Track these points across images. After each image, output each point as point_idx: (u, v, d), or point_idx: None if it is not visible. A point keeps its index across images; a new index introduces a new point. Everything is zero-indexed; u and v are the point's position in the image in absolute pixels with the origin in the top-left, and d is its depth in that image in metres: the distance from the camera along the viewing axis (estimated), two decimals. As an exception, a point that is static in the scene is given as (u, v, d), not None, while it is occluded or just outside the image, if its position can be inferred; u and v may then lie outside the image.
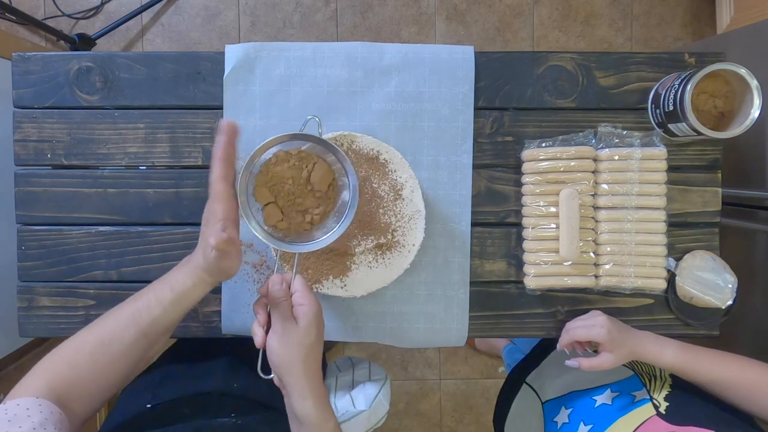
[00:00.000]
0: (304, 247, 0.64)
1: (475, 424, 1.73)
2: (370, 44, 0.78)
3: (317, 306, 0.59)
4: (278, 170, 0.65)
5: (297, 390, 0.56)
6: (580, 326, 0.72)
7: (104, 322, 0.58)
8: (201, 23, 1.66)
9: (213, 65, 0.78)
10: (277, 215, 0.65)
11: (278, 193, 0.65)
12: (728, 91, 0.73)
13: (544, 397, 0.82)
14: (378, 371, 0.85)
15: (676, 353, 0.67)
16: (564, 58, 0.79)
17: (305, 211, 0.67)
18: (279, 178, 0.65)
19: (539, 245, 0.76)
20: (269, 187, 0.65)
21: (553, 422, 0.77)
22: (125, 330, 0.56)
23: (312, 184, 0.66)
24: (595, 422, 0.70)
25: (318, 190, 0.66)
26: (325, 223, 0.67)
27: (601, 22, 1.69)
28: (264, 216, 0.65)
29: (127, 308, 0.58)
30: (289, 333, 0.56)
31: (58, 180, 0.78)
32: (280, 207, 0.66)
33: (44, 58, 0.77)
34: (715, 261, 0.76)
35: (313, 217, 0.66)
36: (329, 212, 0.67)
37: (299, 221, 0.66)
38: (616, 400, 0.71)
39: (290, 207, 0.66)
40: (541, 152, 0.76)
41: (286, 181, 0.65)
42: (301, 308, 0.58)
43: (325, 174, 0.66)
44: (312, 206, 0.66)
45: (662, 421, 0.63)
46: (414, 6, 1.67)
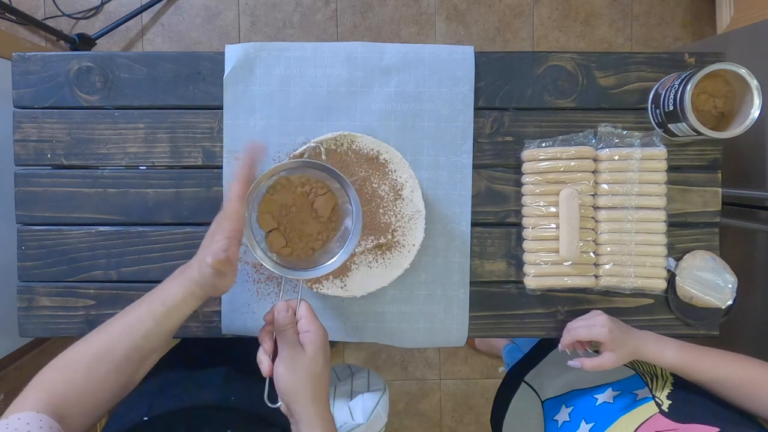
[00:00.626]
0: (308, 273, 0.64)
1: (475, 424, 1.73)
2: (370, 44, 0.78)
3: (323, 332, 0.59)
4: (281, 197, 0.65)
5: (305, 418, 0.55)
6: (582, 326, 0.72)
7: (99, 335, 0.58)
8: (201, 23, 1.66)
9: (213, 65, 0.78)
10: (281, 241, 0.66)
11: (282, 220, 0.66)
12: (728, 91, 0.73)
13: (544, 395, 0.82)
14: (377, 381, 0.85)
15: (677, 352, 0.68)
16: (564, 58, 0.79)
17: (309, 237, 0.67)
18: (282, 205, 0.65)
19: (539, 245, 0.76)
20: (272, 214, 0.65)
21: (553, 421, 0.77)
22: (119, 343, 0.56)
23: (315, 210, 0.66)
24: (596, 420, 0.70)
25: (321, 216, 0.66)
26: (329, 247, 0.67)
27: (601, 22, 1.69)
28: (268, 243, 0.65)
29: (121, 321, 0.58)
30: (297, 360, 0.56)
31: (58, 180, 0.78)
32: (284, 233, 0.66)
33: (44, 58, 0.77)
34: (715, 261, 0.76)
35: (316, 242, 0.67)
36: (332, 237, 0.68)
37: (302, 247, 0.67)
38: (617, 398, 0.71)
39: (294, 233, 0.66)
40: (541, 152, 0.76)
41: (290, 208, 0.66)
42: (307, 335, 0.57)
43: (328, 200, 0.67)
44: (315, 232, 0.67)
45: (665, 419, 0.63)
46: (414, 6, 1.67)
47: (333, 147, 0.75)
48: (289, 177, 0.65)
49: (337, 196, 0.67)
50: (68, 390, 0.54)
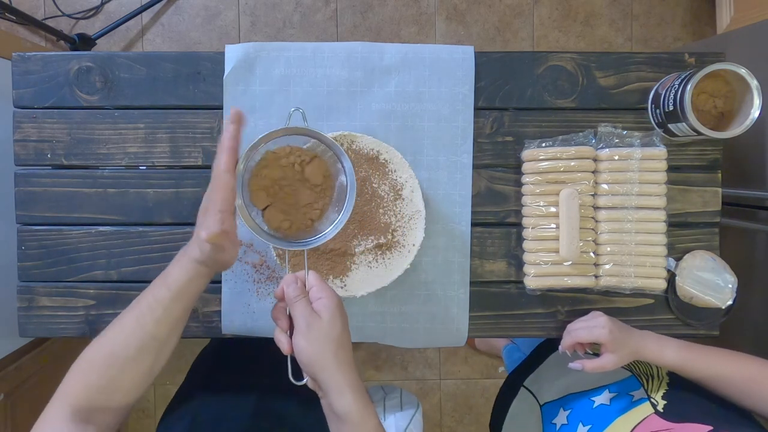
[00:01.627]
0: (311, 243, 0.63)
1: (475, 424, 1.73)
2: (370, 44, 0.78)
3: (337, 297, 0.57)
4: (270, 171, 0.64)
5: (334, 386, 0.54)
6: (582, 327, 0.72)
7: (111, 332, 0.57)
8: (201, 23, 1.66)
9: (213, 65, 0.78)
10: (279, 217, 0.64)
11: (275, 195, 0.65)
12: (728, 91, 0.73)
13: (542, 399, 0.83)
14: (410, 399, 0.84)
15: (677, 351, 0.68)
16: (564, 58, 0.79)
17: (306, 207, 0.66)
18: (273, 179, 0.64)
19: (539, 245, 0.76)
20: (265, 190, 0.64)
21: (551, 424, 0.77)
22: (132, 336, 0.56)
23: (307, 179, 0.65)
24: (593, 422, 0.70)
25: (314, 183, 0.65)
26: (327, 216, 0.66)
27: (601, 22, 1.69)
28: (266, 220, 0.64)
29: (131, 314, 0.57)
30: (314, 328, 0.55)
31: (58, 180, 0.78)
32: (280, 208, 0.65)
33: (44, 58, 0.77)
34: (715, 261, 0.76)
35: (314, 211, 0.66)
36: (329, 203, 0.66)
37: (301, 218, 0.65)
38: (614, 400, 0.71)
39: (290, 206, 0.65)
40: (541, 152, 0.76)
41: (281, 181, 0.64)
42: (321, 301, 0.56)
43: (318, 165, 0.65)
44: (311, 200, 0.65)
45: (660, 419, 0.63)
46: (414, 6, 1.67)
47: (333, 147, 0.75)
48: (274, 150, 0.64)
49: (326, 160, 0.66)
50: (89, 393, 0.54)
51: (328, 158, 0.65)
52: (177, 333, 0.59)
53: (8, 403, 1.08)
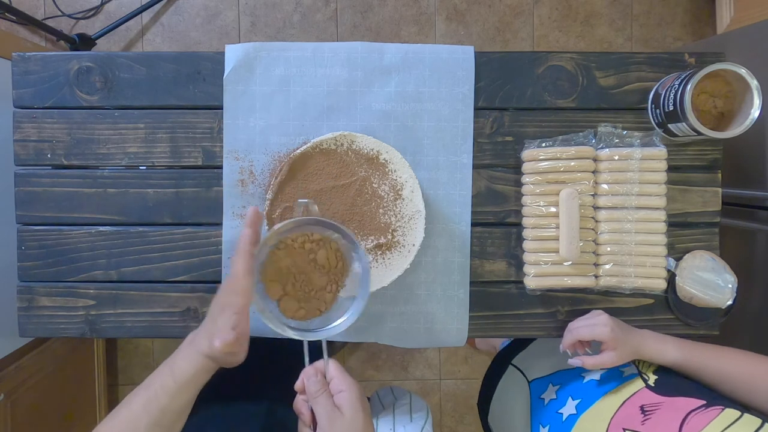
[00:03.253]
0: (329, 332, 0.63)
1: (475, 424, 1.73)
2: (370, 44, 0.78)
3: (358, 388, 0.57)
4: (282, 261, 0.65)
5: None
6: (584, 326, 0.72)
7: (122, 412, 0.58)
8: (201, 23, 1.66)
9: (213, 65, 0.78)
10: (294, 305, 0.65)
11: (289, 284, 0.65)
12: (728, 91, 0.73)
13: (531, 376, 0.83)
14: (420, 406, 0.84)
15: (678, 349, 0.68)
16: (564, 58, 0.79)
17: (320, 292, 0.67)
18: (286, 268, 0.65)
19: (539, 245, 0.76)
20: (278, 280, 0.65)
21: (540, 399, 0.77)
22: (139, 422, 0.56)
23: (319, 263, 0.66)
24: (583, 396, 0.70)
25: (326, 267, 0.66)
26: (341, 301, 0.67)
27: (601, 22, 1.69)
28: (281, 310, 0.65)
29: (139, 398, 0.58)
30: (337, 425, 0.55)
31: (58, 180, 0.78)
32: (294, 296, 0.66)
33: (44, 58, 0.77)
34: (715, 261, 0.76)
35: (328, 295, 0.67)
36: (341, 286, 0.67)
37: (315, 304, 0.66)
38: (604, 375, 0.71)
39: (304, 293, 0.66)
40: (541, 152, 0.76)
41: (293, 268, 0.65)
42: (342, 395, 0.56)
43: (328, 252, 0.66)
44: (324, 284, 0.66)
45: (651, 393, 0.64)
46: (414, 6, 1.67)
47: (333, 147, 0.75)
48: (284, 240, 0.65)
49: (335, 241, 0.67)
50: None
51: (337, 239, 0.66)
52: (182, 419, 0.59)
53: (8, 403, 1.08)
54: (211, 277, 0.79)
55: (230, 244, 0.78)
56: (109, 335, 0.80)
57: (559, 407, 0.72)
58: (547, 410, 0.74)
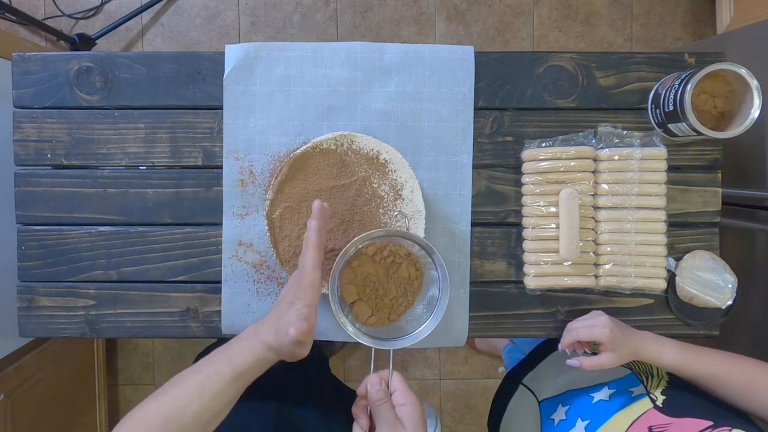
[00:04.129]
0: (399, 343, 0.64)
1: (475, 424, 1.73)
2: (370, 44, 0.78)
3: (420, 404, 0.57)
4: (362, 266, 0.66)
5: None
6: (583, 326, 0.72)
7: (169, 394, 0.58)
8: (201, 23, 1.66)
9: (213, 65, 0.78)
10: (367, 311, 0.66)
11: (364, 289, 0.66)
12: (728, 91, 0.73)
13: (541, 396, 0.83)
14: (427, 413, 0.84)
15: (676, 352, 0.68)
16: (564, 58, 0.79)
17: (393, 302, 0.68)
18: (364, 273, 0.66)
19: (539, 245, 0.76)
20: (355, 284, 0.66)
21: (549, 420, 0.77)
22: (189, 404, 0.56)
23: (397, 275, 0.67)
24: (592, 417, 0.70)
25: (403, 278, 0.67)
26: (414, 312, 0.68)
27: (601, 22, 1.69)
28: (354, 314, 0.66)
29: (190, 381, 0.58)
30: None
31: (58, 180, 0.78)
32: (368, 302, 0.67)
33: (44, 58, 0.78)
34: (715, 261, 0.76)
35: (401, 307, 0.68)
36: (415, 299, 0.68)
37: (387, 313, 0.67)
38: (613, 396, 0.71)
39: (377, 301, 0.67)
40: (541, 152, 0.76)
41: (371, 276, 0.66)
42: (404, 408, 0.56)
43: (408, 264, 0.67)
44: (399, 296, 0.68)
45: (660, 414, 0.63)
46: (414, 6, 1.67)
47: (333, 147, 0.75)
48: (367, 246, 0.66)
49: (417, 257, 0.68)
50: None
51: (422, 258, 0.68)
52: (228, 408, 0.59)
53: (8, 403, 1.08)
54: (211, 277, 0.79)
55: (230, 244, 0.78)
56: (109, 335, 0.80)
57: (568, 428, 0.72)
58: (557, 431, 0.74)
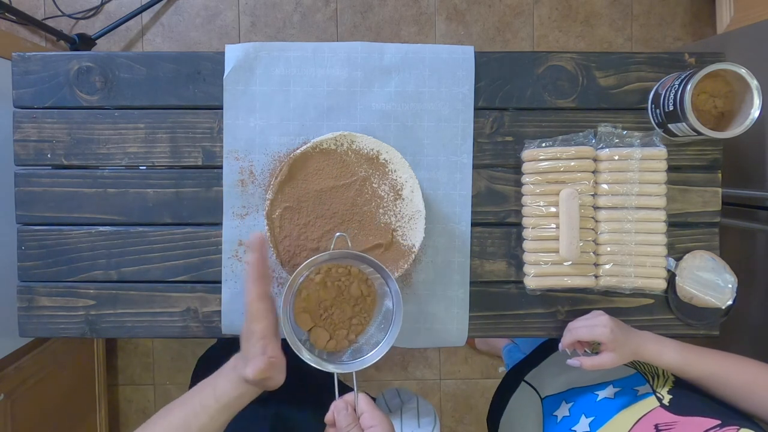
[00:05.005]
0: (358, 364, 0.64)
1: (475, 424, 1.73)
2: (370, 44, 0.78)
3: (389, 424, 0.57)
4: (311, 293, 0.66)
5: None
6: (583, 326, 0.72)
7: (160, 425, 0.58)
8: (201, 23, 1.66)
9: (213, 65, 0.78)
10: (325, 336, 0.66)
11: (317, 315, 0.66)
12: (728, 91, 0.73)
13: (544, 393, 0.82)
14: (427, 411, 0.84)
15: (676, 352, 0.68)
16: (564, 58, 0.79)
17: (349, 322, 0.67)
18: (316, 299, 0.66)
19: (539, 245, 0.76)
20: (309, 311, 0.66)
21: (552, 416, 0.77)
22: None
23: (351, 295, 0.67)
24: (596, 414, 0.70)
25: (355, 297, 0.67)
26: (370, 333, 0.67)
27: (601, 22, 1.69)
28: (312, 341, 0.66)
29: (177, 415, 0.58)
30: None
31: (58, 180, 0.78)
32: (325, 327, 0.66)
33: (44, 58, 0.77)
34: (715, 261, 0.76)
35: (358, 327, 0.67)
36: (371, 317, 0.68)
37: (345, 334, 0.67)
38: (618, 394, 0.71)
39: (333, 324, 0.67)
40: (541, 152, 0.76)
41: (323, 301, 0.66)
42: (373, 430, 0.56)
43: (360, 284, 0.67)
44: (352, 315, 0.67)
45: (666, 412, 0.63)
46: (414, 6, 1.67)
47: (333, 147, 0.75)
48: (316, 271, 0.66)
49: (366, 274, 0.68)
50: None
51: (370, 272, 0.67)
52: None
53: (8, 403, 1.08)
54: (211, 277, 0.79)
55: (230, 244, 0.78)
56: (109, 335, 0.80)
57: (572, 424, 0.72)
58: (560, 427, 0.74)
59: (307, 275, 0.65)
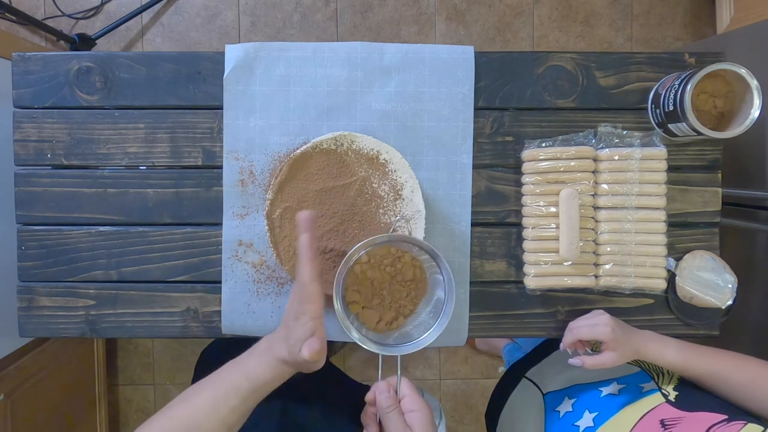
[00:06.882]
0: (406, 348, 0.64)
1: (475, 424, 1.73)
2: (370, 44, 0.78)
3: (429, 410, 0.57)
4: (365, 271, 0.66)
5: None
6: (584, 325, 0.72)
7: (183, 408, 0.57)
8: (201, 23, 1.66)
9: (213, 65, 0.78)
10: (374, 317, 0.67)
11: (368, 296, 0.67)
12: (728, 91, 0.73)
13: (546, 389, 0.82)
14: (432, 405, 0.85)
15: (678, 351, 0.68)
16: (564, 58, 0.79)
17: (398, 305, 0.68)
18: (368, 279, 0.66)
19: (539, 245, 0.76)
20: (359, 290, 0.66)
21: (555, 411, 0.77)
22: (205, 420, 0.56)
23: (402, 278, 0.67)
24: (600, 410, 0.70)
25: (407, 281, 0.68)
26: (420, 317, 0.68)
27: (601, 22, 1.69)
28: (361, 321, 0.66)
29: (206, 395, 0.57)
30: None
31: (58, 180, 0.78)
32: (374, 307, 0.67)
33: (44, 58, 0.77)
34: (715, 261, 0.76)
35: (406, 309, 0.68)
36: (419, 303, 0.68)
37: (393, 316, 0.68)
38: (623, 391, 0.71)
39: (383, 306, 0.67)
40: (541, 152, 0.76)
41: (375, 281, 0.66)
42: (413, 415, 0.56)
43: (412, 266, 0.68)
44: (403, 299, 0.68)
45: (672, 408, 0.63)
46: (414, 6, 1.67)
47: (333, 147, 0.75)
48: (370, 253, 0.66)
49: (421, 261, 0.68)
50: None
51: (420, 256, 0.68)
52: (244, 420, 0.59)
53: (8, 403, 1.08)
54: (211, 277, 0.79)
55: (230, 244, 0.78)
56: (109, 335, 0.80)
57: (575, 420, 0.72)
58: (563, 422, 0.74)
59: (363, 254, 0.65)
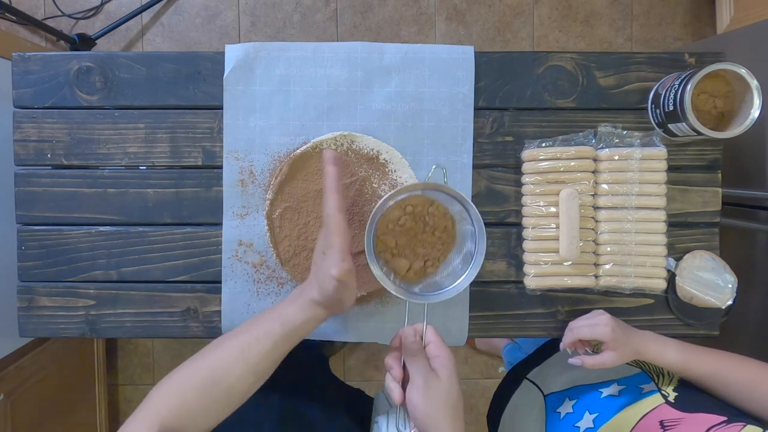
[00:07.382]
0: (434, 297, 0.64)
1: (475, 424, 1.73)
2: (370, 44, 0.78)
3: (453, 357, 0.57)
4: (396, 221, 0.67)
5: None
6: (584, 325, 0.72)
7: (212, 354, 0.57)
8: (201, 23, 1.66)
9: (213, 65, 0.78)
10: (405, 265, 0.67)
11: (400, 241, 0.67)
12: (728, 91, 0.73)
13: (547, 390, 0.82)
14: None
15: (678, 351, 0.68)
16: (564, 58, 0.79)
17: (428, 255, 0.68)
18: (399, 227, 0.67)
19: (539, 245, 0.76)
20: (390, 238, 0.67)
21: (555, 413, 0.77)
22: (234, 364, 0.55)
23: (432, 227, 0.68)
24: (600, 411, 0.70)
25: (437, 230, 0.68)
26: (451, 267, 0.68)
27: (601, 22, 1.69)
28: (392, 268, 0.66)
29: (237, 341, 0.57)
30: (432, 388, 0.55)
31: (58, 180, 0.78)
32: (404, 255, 0.67)
33: (44, 58, 0.77)
34: (715, 261, 0.76)
35: (437, 259, 0.68)
36: (449, 251, 0.69)
37: (423, 266, 0.68)
38: (623, 392, 0.71)
39: (413, 254, 0.67)
40: (541, 152, 0.76)
41: (407, 228, 0.67)
42: (439, 360, 0.56)
43: (442, 215, 0.68)
44: (433, 247, 0.68)
45: (672, 409, 0.63)
46: (414, 6, 1.67)
47: (333, 147, 0.75)
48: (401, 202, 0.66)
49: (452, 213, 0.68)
50: (181, 413, 0.53)
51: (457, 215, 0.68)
52: (272, 369, 0.59)
53: (8, 403, 1.08)
54: (211, 277, 0.79)
55: (230, 244, 0.78)
56: (109, 335, 0.80)
57: (575, 421, 0.72)
58: (563, 424, 0.74)
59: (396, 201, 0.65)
